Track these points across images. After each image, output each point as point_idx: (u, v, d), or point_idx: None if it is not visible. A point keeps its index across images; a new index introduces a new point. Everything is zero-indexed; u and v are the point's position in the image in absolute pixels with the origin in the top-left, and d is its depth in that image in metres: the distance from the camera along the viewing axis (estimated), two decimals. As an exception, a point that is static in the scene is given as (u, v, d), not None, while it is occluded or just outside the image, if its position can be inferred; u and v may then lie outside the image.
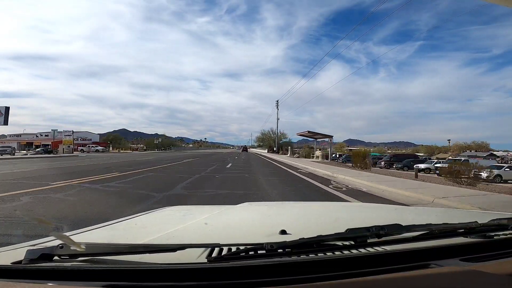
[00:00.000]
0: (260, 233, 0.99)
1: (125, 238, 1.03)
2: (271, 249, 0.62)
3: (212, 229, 1.08)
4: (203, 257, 0.65)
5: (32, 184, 6.20)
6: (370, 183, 7.51)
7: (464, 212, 2.00)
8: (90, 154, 32.07)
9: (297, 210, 1.71)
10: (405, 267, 0.61)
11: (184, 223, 1.17)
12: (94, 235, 1.01)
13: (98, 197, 5.08)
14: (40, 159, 19.53)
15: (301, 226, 1.15)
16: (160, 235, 0.94)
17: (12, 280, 0.55)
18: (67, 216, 3.55)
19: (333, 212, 1.64)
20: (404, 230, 0.73)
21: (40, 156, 26.36)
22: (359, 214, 1.56)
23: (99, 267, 0.58)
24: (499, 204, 4.69)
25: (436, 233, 0.74)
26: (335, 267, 0.60)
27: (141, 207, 4.13)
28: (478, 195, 5.77)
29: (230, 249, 0.70)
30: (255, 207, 1.85)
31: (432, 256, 0.66)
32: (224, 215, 1.41)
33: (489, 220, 0.83)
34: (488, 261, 0.67)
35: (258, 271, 0.57)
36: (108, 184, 6.55)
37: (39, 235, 1.09)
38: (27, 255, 0.60)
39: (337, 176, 9.46)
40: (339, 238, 0.68)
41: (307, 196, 5.74)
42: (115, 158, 20.44)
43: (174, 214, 1.47)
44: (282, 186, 7.13)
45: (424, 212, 1.80)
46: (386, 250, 0.68)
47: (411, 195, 5.67)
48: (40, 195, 4.85)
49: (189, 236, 1.00)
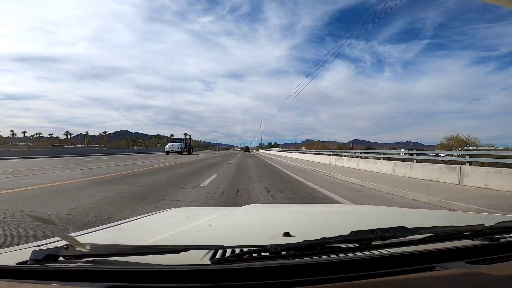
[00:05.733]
0: (263, 235, 0.99)
1: (130, 239, 1.03)
2: (274, 251, 0.62)
3: (215, 230, 1.09)
4: (206, 259, 0.65)
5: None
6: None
7: (470, 215, 1.97)
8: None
9: (301, 212, 1.70)
10: (410, 270, 0.60)
11: (188, 224, 1.17)
12: (99, 236, 1.01)
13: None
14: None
15: (305, 228, 1.14)
16: (164, 236, 0.94)
17: (17, 281, 0.55)
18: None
19: (337, 214, 1.64)
20: (409, 233, 0.72)
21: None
22: (364, 216, 1.55)
23: (104, 268, 0.58)
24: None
25: (442, 235, 0.73)
26: (339, 270, 0.59)
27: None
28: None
29: (233, 251, 0.70)
30: (258, 209, 1.85)
31: (438, 259, 0.65)
32: (228, 217, 1.41)
33: (496, 223, 0.81)
34: (494, 263, 0.66)
35: (262, 273, 0.57)
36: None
37: (45, 235, 1.10)
38: (32, 256, 0.60)
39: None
40: (343, 240, 0.68)
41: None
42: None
43: (178, 215, 1.48)
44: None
45: (429, 214, 1.78)
46: (391, 253, 0.68)
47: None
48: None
49: (193, 237, 1.00)
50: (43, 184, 6.24)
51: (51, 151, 24.70)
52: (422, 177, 8.07)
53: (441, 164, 8.24)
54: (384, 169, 10.23)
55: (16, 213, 3.65)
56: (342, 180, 8.61)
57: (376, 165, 10.88)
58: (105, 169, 10.45)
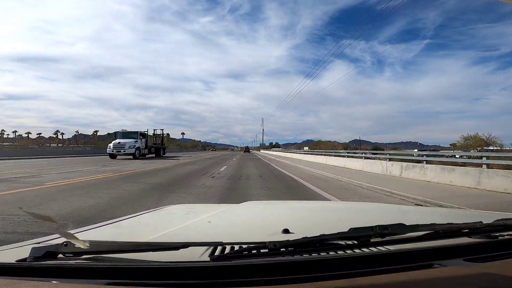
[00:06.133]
0: (263, 232, 0.99)
1: (129, 236, 1.03)
2: (274, 248, 0.62)
3: (215, 227, 1.09)
4: (206, 256, 0.66)
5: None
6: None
7: (469, 212, 1.98)
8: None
9: (300, 209, 1.70)
10: (409, 267, 0.60)
11: (187, 221, 1.17)
12: (98, 233, 1.01)
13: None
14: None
15: (304, 225, 1.15)
16: (163, 233, 0.94)
17: (16, 278, 0.55)
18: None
19: (336, 211, 1.64)
20: (408, 230, 0.72)
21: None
22: (363, 213, 1.56)
23: (103, 265, 0.58)
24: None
25: (440, 233, 0.73)
26: (338, 267, 0.59)
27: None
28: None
29: (233, 247, 0.70)
30: (258, 206, 1.85)
31: (436, 256, 0.65)
32: (227, 213, 1.41)
33: (494, 220, 0.82)
34: (492, 261, 0.66)
35: (261, 270, 0.57)
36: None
37: (44, 232, 1.10)
38: (31, 253, 0.60)
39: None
40: (342, 237, 0.68)
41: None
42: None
43: (178, 212, 1.48)
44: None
45: (428, 212, 1.78)
46: (389, 250, 0.68)
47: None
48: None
49: (192, 234, 1.00)
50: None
51: (26, 152, 21.52)
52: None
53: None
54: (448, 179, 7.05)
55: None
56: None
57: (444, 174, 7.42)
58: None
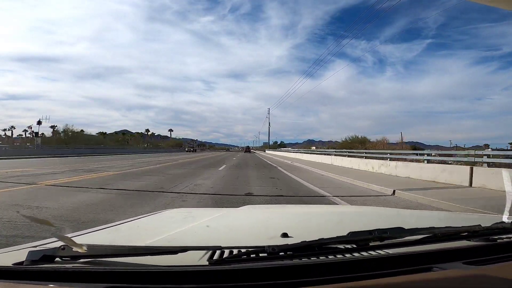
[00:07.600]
0: (261, 236, 0.99)
1: (127, 240, 1.03)
2: (272, 252, 0.62)
3: (213, 231, 1.08)
4: (204, 260, 0.65)
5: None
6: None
7: (467, 216, 1.98)
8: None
9: (299, 213, 1.70)
10: (408, 271, 0.60)
11: (186, 225, 1.17)
12: (96, 236, 1.01)
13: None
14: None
15: (303, 229, 1.14)
16: (162, 237, 0.93)
17: (13, 281, 0.55)
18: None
19: (335, 215, 1.64)
20: (407, 234, 0.72)
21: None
22: (362, 217, 1.56)
23: (100, 268, 0.58)
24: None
25: (439, 236, 0.73)
26: (337, 271, 0.59)
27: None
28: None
29: (231, 251, 0.69)
30: (256, 210, 1.85)
31: (435, 260, 0.65)
32: (226, 217, 1.41)
33: (493, 223, 0.82)
34: (491, 264, 0.66)
35: (260, 274, 0.57)
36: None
37: (41, 236, 1.09)
38: (28, 256, 0.60)
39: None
40: (341, 241, 0.68)
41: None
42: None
43: (176, 216, 1.47)
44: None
45: (427, 215, 1.78)
46: (388, 254, 0.68)
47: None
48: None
49: (191, 238, 0.99)
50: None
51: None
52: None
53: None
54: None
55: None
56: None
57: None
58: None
